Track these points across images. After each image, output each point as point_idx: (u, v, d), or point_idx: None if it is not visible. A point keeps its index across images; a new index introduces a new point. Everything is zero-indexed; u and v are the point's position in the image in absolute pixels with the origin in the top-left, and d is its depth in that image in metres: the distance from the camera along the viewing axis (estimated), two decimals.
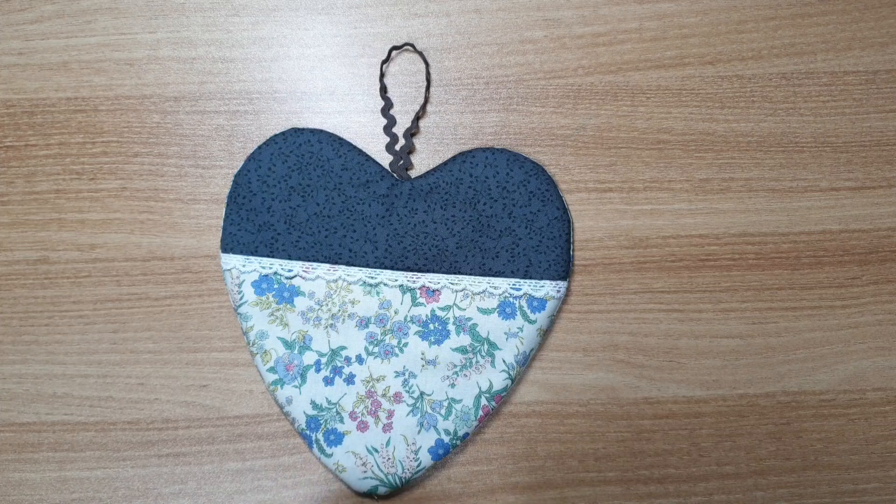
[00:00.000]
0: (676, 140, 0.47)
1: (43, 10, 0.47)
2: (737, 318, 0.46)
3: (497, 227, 0.44)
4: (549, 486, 0.45)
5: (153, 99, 0.47)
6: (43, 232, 0.46)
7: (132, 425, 0.45)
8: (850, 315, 0.46)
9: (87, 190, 0.46)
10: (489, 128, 0.47)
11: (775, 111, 0.48)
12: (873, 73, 0.48)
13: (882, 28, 0.48)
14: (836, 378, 0.46)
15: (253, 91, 0.47)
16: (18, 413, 0.45)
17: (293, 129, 0.45)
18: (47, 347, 0.45)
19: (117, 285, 0.46)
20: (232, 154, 0.47)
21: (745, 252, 0.47)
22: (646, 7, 0.48)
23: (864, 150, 0.47)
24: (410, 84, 0.47)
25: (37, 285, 0.46)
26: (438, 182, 0.45)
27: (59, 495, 0.44)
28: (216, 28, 0.47)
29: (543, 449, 0.45)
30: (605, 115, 0.47)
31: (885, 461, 0.46)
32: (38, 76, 0.47)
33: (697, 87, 0.47)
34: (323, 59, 0.47)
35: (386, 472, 0.43)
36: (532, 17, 0.48)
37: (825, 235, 0.47)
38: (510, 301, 0.44)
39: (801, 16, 0.48)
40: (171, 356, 0.45)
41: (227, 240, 0.45)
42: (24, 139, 0.47)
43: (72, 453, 0.45)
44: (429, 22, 0.48)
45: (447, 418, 0.44)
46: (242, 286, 0.44)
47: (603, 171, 0.47)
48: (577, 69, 0.47)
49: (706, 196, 0.47)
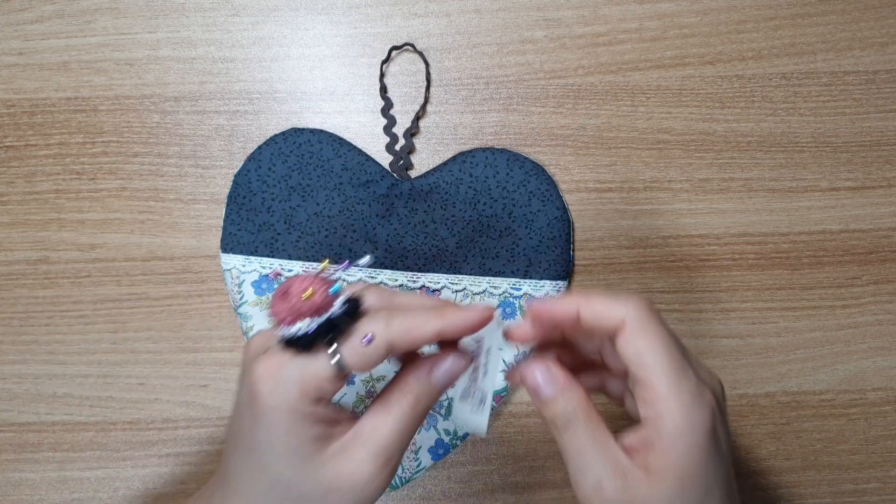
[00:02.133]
0: (676, 140, 0.47)
1: (43, 10, 0.47)
2: (737, 318, 0.46)
3: (497, 227, 0.44)
4: (549, 486, 0.45)
5: (153, 99, 0.47)
6: (43, 232, 0.46)
7: (132, 425, 0.45)
8: (850, 315, 0.46)
9: (87, 190, 0.46)
10: (489, 128, 0.47)
11: (775, 111, 0.48)
12: (873, 73, 0.48)
13: (882, 28, 0.48)
14: (837, 378, 0.46)
15: (253, 91, 0.47)
16: (18, 413, 0.45)
17: (293, 129, 0.45)
18: (47, 347, 0.45)
19: (117, 285, 0.46)
20: (232, 154, 0.47)
21: (745, 252, 0.47)
22: (646, 7, 0.48)
23: (865, 150, 0.47)
24: (410, 84, 0.47)
25: (37, 285, 0.46)
26: (438, 182, 0.45)
27: (59, 495, 0.44)
28: (216, 28, 0.47)
29: (543, 449, 0.45)
30: (605, 115, 0.47)
31: (885, 461, 0.46)
32: (38, 76, 0.47)
33: (697, 87, 0.47)
34: (323, 59, 0.47)
35: None
36: (532, 17, 0.48)
37: (825, 235, 0.47)
38: (510, 301, 0.44)
39: (801, 16, 0.48)
40: (171, 356, 0.45)
41: (227, 240, 0.45)
42: (24, 139, 0.47)
43: (72, 453, 0.45)
44: (429, 22, 0.48)
45: (447, 418, 0.44)
46: (242, 286, 0.44)
47: (603, 171, 0.47)
48: (577, 69, 0.47)
49: (706, 196, 0.47)
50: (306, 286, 0.27)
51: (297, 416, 0.28)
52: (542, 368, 0.31)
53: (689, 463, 0.28)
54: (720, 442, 0.29)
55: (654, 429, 0.28)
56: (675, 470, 0.28)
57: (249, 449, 0.29)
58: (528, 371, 0.31)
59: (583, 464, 0.29)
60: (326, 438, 0.29)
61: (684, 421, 0.28)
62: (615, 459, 0.29)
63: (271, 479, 0.29)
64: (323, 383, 0.28)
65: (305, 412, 0.28)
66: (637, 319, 0.29)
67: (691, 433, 0.28)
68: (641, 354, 0.29)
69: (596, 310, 0.30)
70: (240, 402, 0.29)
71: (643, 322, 0.29)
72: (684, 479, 0.28)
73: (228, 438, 0.30)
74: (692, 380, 0.29)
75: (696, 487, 0.28)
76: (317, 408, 0.28)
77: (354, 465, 0.28)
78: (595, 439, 0.29)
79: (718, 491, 0.29)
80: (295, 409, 0.28)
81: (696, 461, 0.28)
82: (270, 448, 0.28)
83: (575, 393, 0.30)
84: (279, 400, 0.27)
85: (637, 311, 0.29)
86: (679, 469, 0.28)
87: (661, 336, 0.29)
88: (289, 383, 0.27)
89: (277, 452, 0.28)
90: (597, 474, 0.29)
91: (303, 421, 0.28)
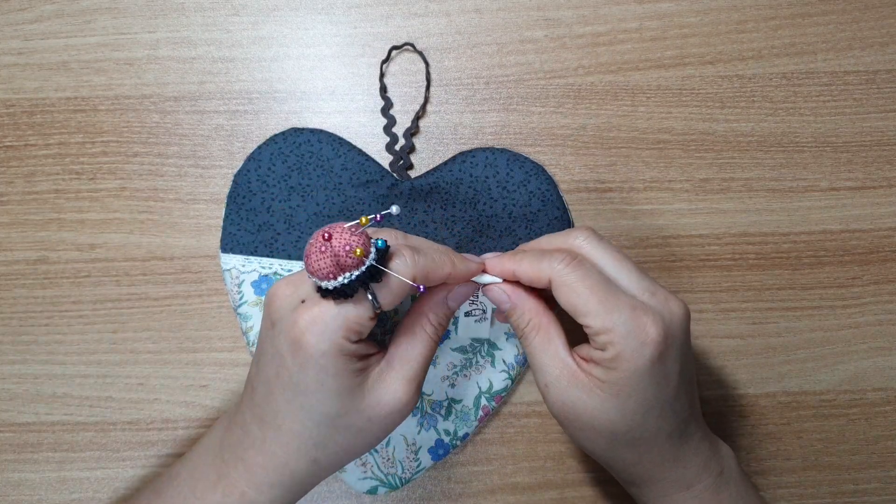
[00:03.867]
0: (676, 140, 0.47)
1: (43, 10, 0.47)
2: (737, 318, 0.46)
3: (497, 227, 0.44)
4: (549, 486, 0.45)
5: (153, 99, 0.47)
6: (42, 232, 0.46)
7: (132, 425, 0.45)
8: (851, 315, 0.46)
9: (86, 190, 0.46)
10: (489, 128, 0.47)
11: (775, 111, 0.48)
12: (874, 72, 0.48)
13: (882, 28, 0.48)
14: (837, 378, 0.46)
15: (253, 91, 0.47)
16: (18, 413, 0.45)
17: (293, 128, 0.45)
18: (47, 347, 0.45)
19: (117, 285, 0.46)
20: (232, 154, 0.47)
21: (746, 252, 0.47)
22: (646, 7, 0.48)
23: (865, 149, 0.47)
24: (410, 84, 0.47)
25: (36, 285, 0.46)
26: (438, 182, 0.45)
27: (58, 495, 0.44)
28: (216, 28, 0.47)
29: (543, 449, 0.45)
30: (606, 115, 0.47)
31: (885, 461, 0.46)
32: (38, 76, 0.47)
33: (698, 87, 0.47)
34: (323, 58, 0.47)
35: (386, 472, 0.43)
36: (532, 16, 0.48)
37: (825, 235, 0.47)
38: None
39: (801, 15, 0.48)
40: (171, 356, 0.45)
41: (227, 240, 0.45)
42: (23, 139, 0.47)
43: (72, 453, 0.45)
44: (429, 22, 0.48)
45: (447, 418, 0.44)
46: (242, 286, 0.44)
47: (603, 171, 0.47)
48: (578, 69, 0.47)
49: (706, 196, 0.47)
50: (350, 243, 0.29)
51: (343, 357, 0.31)
52: (502, 287, 0.36)
53: (628, 383, 0.32)
54: (667, 365, 0.33)
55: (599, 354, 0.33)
56: (615, 386, 0.32)
57: (296, 391, 0.32)
58: (490, 289, 0.36)
59: (537, 365, 0.35)
60: (365, 371, 0.33)
61: (623, 348, 0.32)
62: (564, 365, 0.34)
63: (321, 415, 0.32)
64: (364, 323, 0.31)
65: (349, 352, 0.31)
66: (560, 275, 0.33)
67: (630, 358, 0.32)
68: (572, 302, 0.33)
69: (527, 273, 0.34)
70: (278, 350, 0.32)
71: (566, 274, 0.33)
72: (621, 395, 0.32)
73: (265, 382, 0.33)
74: (627, 313, 0.32)
75: (635, 401, 0.32)
76: (357, 346, 0.32)
77: (391, 392, 0.33)
78: (545, 347, 0.34)
79: (661, 410, 0.33)
80: (341, 352, 0.31)
81: (635, 381, 0.32)
82: (320, 388, 0.31)
83: (530, 306, 0.35)
84: (327, 346, 0.31)
85: (560, 266, 0.33)
86: (618, 386, 0.32)
87: (586, 280, 0.33)
88: (335, 329, 0.31)
89: (326, 392, 0.31)
90: (547, 375, 0.34)
91: (347, 361, 0.31)
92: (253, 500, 0.33)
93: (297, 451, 0.33)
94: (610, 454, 0.35)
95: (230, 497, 0.34)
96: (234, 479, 0.34)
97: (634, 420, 0.33)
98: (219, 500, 0.34)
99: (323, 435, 0.32)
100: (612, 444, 0.34)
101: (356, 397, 0.32)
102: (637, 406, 0.33)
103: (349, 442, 0.33)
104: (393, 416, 0.33)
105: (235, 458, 0.34)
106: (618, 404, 0.32)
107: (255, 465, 0.33)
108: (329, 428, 0.32)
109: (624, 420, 0.33)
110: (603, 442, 0.34)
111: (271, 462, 0.33)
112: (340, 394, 0.32)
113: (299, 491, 0.34)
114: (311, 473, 0.33)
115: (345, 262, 0.29)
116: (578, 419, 0.33)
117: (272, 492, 0.33)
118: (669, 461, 0.35)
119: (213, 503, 0.34)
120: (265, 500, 0.33)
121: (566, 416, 0.34)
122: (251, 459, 0.33)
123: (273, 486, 0.33)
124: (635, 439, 0.34)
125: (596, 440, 0.34)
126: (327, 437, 0.32)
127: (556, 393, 0.34)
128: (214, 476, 0.34)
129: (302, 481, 0.34)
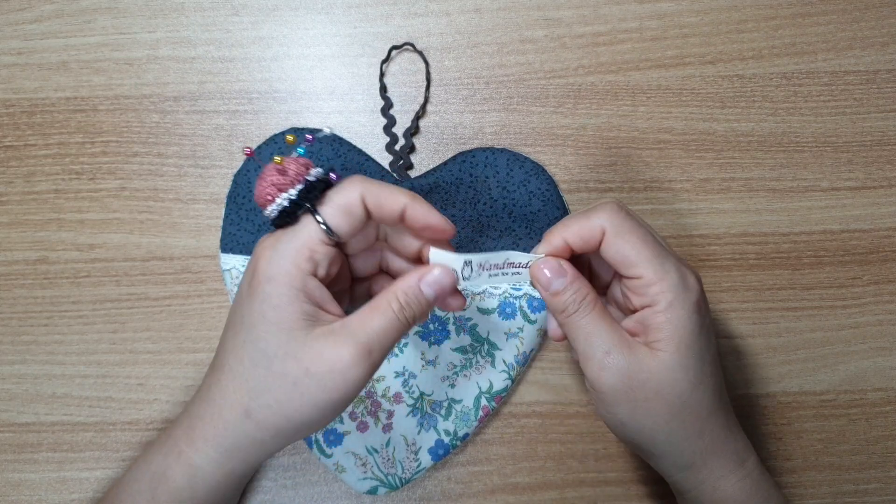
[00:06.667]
0: (677, 140, 0.47)
1: (42, 10, 0.47)
2: (737, 318, 0.46)
3: (497, 227, 0.44)
4: (549, 487, 0.45)
5: (152, 98, 0.47)
6: (42, 232, 0.46)
7: (132, 425, 0.45)
8: (851, 315, 0.46)
9: (86, 190, 0.46)
10: (489, 127, 0.47)
11: (776, 111, 0.47)
12: (874, 72, 0.48)
13: (882, 28, 0.48)
14: (837, 378, 0.46)
15: (252, 91, 0.47)
16: (18, 413, 0.45)
17: (293, 128, 0.45)
18: (46, 347, 0.45)
19: (116, 285, 0.46)
20: (231, 154, 0.47)
21: (746, 252, 0.47)
22: (646, 7, 0.48)
23: (865, 149, 0.47)
24: (410, 84, 0.47)
25: (36, 285, 0.46)
26: (438, 182, 0.45)
27: (58, 495, 0.44)
28: (216, 28, 0.47)
29: (543, 449, 0.45)
30: (606, 115, 0.47)
31: (885, 461, 0.46)
32: (38, 76, 0.47)
33: (698, 87, 0.47)
34: (323, 58, 0.47)
35: (386, 472, 0.43)
36: (532, 16, 0.48)
37: (826, 235, 0.47)
38: (510, 301, 0.44)
39: (801, 15, 0.48)
40: (171, 356, 0.45)
41: (227, 240, 0.45)
42: (23, 139, 0.46)
43: (71, 453, 0.45)
44: (429, 22, 0.48)
45: (447, 419, 0.44)
46: None
47: (603, 171, 0.47)
48: (578, 69, 0.47)
49: (707, 196, 0.47)
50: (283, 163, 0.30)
51: (292, 289, 0.30)
52: (552, 263, 0.34)
53: (683, 333, 0.32)
54: (706, 318, 0.33)
55: (651, 310, 0.32)
56: (672, 340, 0.32)
57: (241, 324, 0.31)
58: (537, 269, 0.34)
59: (592, 341, 0.33)
60: (314, 320, 0.31)
61: (675, 297, 0.32)
62: (621, 335, 0.33)
63: (257, 351, 0.31)
64: (315, 246, 0.31)
65: (299, 286, 0.30)
66: (613, 225, 0.33)
67: (682, 306, 0.32)
68: (624, 253, 0.32)
69: (576, 232, 0.33)
70: (241, 287, 0.32)
71: (618, 225, 0.33)
72: (681, 347, 0.32)
73: (226, 325, 0.33)
74: (674, 263, 0.32)
75: (692, 355, 0.32)
76: (311, 281, 0.31)
77: (336, 351, 0.30)
78: (602, 320, 0.33)
79: (711, 359, 0.33)
80: (291, 279, 0.30)
81: (689, 331, 0.32)
82: (262, 318, 0.30)
83: (582, 283, 0.34)
84: (275, 270, 0.30)
85: (611, 217, 0.33)
86: (675, 339, 0.32)
87: (637, 232, 0.33)
88: (283, 252, 0.30)
89: (266, 323, 0.30)
90: (605, 346, 0.32)
91: (296, 294, 0.30)
92: (188, 460, 0.32)
93: (233, 394, 0.31)
94: (673, 425, 0.33)
95: (170, 456, 0.33)
96: (176, 435, 0.33)
97: (696, 376, 0.32)
98: (160, 461, 0.33)
99: (258, 378, 0.31)
100: (679, 412, 0.33)
101: (297, 340, 0.30)
102: (696, 361, 0.32)
103: (283, 395, 0.30)
104: (333, 375, 0.30)
105: (184, 412, 0.34)
106: (679, 359, 0.32)
107: (194, 415, 0.33)
108: (265, 370, 0.30)
109: (687, 377, 0.32)
110: (666, 412, 0.33)
111: (208, 410, 0.32)
112: (280, 330, 0.30)
113: (236, 456, 0.32)
114: (244, 432, 0.31)
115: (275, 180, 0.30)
116: (643, 387, 0.32)
117: (206, 447, 0.32)
118: (726, 430, 0.34)
119: (156, 464, 0.33)
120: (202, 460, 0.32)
121: (629, 387, 0.32)
122: (193, 410, 0.33)
123: (206, 439, 0.32)
124: (699, 401, 0.33)
125: (659, 412, 0.32)
126: (261, 382, 0.31)
127: (618, 362, 0.32)
128: (164, 435, 0.34)
129: (236, 441, 0.32)
